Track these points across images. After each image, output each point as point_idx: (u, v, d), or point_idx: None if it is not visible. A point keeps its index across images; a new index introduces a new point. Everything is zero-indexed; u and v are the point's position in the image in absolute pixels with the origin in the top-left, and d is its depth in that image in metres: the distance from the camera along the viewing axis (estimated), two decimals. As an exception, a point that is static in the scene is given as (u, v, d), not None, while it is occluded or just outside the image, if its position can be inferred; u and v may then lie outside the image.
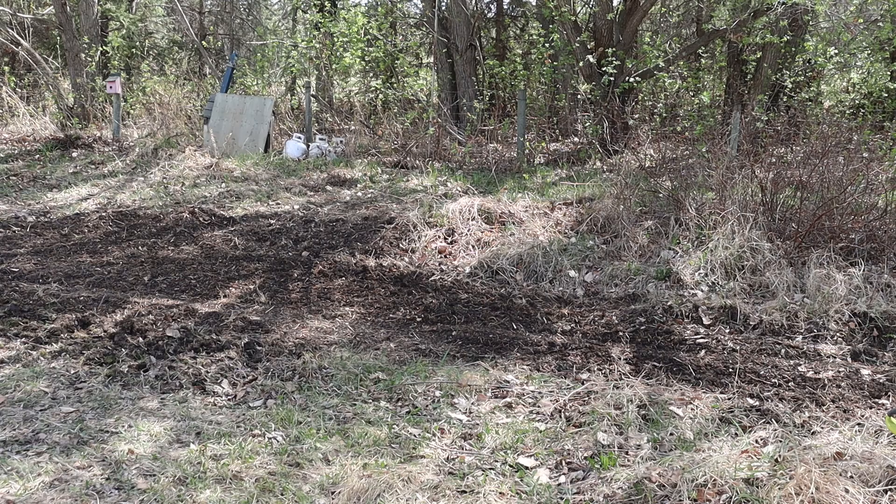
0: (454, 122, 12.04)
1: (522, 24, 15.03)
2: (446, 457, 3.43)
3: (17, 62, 14.97)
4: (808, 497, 2.77)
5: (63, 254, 6.95)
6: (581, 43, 10.51)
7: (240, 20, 19.15)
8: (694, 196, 7.13)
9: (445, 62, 12.97)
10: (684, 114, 10.99)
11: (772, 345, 5.21)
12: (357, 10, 13.75)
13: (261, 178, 9.63)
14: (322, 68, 14.49)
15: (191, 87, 14.34)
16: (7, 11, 14.61)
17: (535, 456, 3.42)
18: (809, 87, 11.64)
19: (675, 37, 14.17)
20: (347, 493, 3.04)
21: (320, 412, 3.85)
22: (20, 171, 10.14)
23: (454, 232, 7.26)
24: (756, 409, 3.87)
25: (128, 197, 8.95)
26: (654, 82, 11.76)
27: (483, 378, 4.29)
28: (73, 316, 5.06)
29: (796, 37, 10.97)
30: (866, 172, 6.74)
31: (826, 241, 6.21)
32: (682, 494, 2.93)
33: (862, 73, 12.79)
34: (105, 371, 4.27)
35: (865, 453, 3.03)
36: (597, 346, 5.08)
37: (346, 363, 4.49)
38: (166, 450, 3.39)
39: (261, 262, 6.72)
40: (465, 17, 12.51)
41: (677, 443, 3.43)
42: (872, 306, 5.44)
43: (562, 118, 12.02)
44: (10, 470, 3.12)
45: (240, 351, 4.66)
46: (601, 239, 6.99)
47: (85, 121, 12.86)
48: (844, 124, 8.23)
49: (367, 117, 13.31)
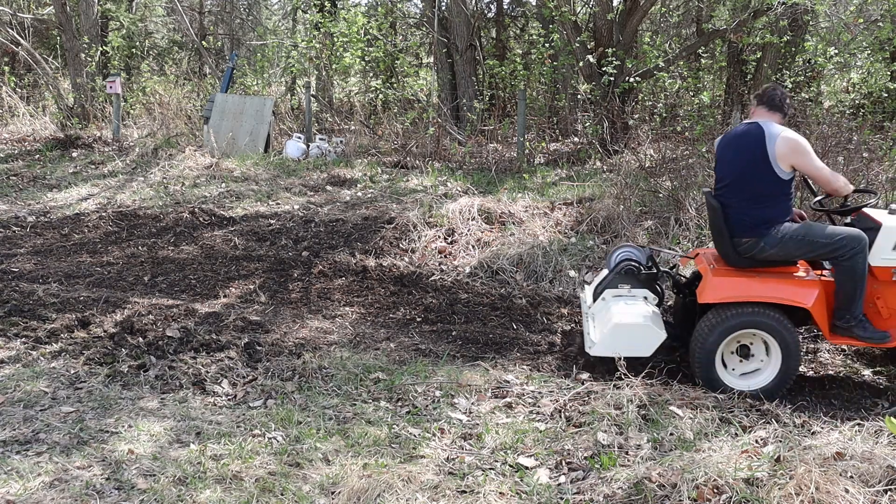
0: (454, 122, 12.04)
1: (522, 24, 15.03)
2: (446, 457, 3.43)
3: (17, 62, 14.97)
4: (808, 497, 2.77)
5: (63, 254, 6.95)
6: (581, 43, 10.51)
7: (240, 20, 19.15)
8: (694, 196, 7.13)
9: (445, 62, 12.97)
10: (684, 114, 10.98)
11: (772, 345, 5.21)
12: (357, 10, 13.76)
13: (261, 178, 9.63)
14: (322, 68, 14.49)
15: (191, 87, 14.35)
16: (7, 11, 14.62)
17: (535, 456, 3.42)
18: (809, 87, 11.64)
19: (675, 37, 14.17)
20: (347, 493, 3.04)
21: (320, 412, 3.85)
22: (20, 171, 10.14)
23: (454, 232, 7.26)
24: (756, 409, 3.87)
25: (128, 197, 8.95)
26: (654, 82, 11.76)
27: (483, 378, 4.29)
28: (73, 316, 5.06)
29: (796, 37, 10.97)
30: (866, 172, 6.74)
31: (826, 241, 6.20)
32: (682, 494, 2.93)
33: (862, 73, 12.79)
34: (105, 371, 4.27)
35: (865, 453, 3.03)
36: (597, 346, 5.08)
37: (346, 363, 4.49)
38: (166, 450, 3.39)
39: (261, 262, 6.72)
40: (465, 17, 12.50)
41: (677, 443, 3.43)
42: (872, 306, 5.44)
43: (562, 118, 12.01)
44: (10, 470, 3.12)
45: (240, 351, 4.66)
46: (601, 239, 6.99)
47: (85, 121, 12.85)
48: (844, 124, 8.23)
49: (367, 117, 13.31)
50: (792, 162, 4.28)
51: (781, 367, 4.31)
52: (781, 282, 4.35)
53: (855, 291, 4.31)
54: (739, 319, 4.29)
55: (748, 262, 4.43)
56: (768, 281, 4.36)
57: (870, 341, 4.35)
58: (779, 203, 4.37)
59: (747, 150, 4.36)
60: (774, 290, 4.32)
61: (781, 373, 4.32)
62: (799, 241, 4.32)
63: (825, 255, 4.37)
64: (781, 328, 4.27)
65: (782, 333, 4.27)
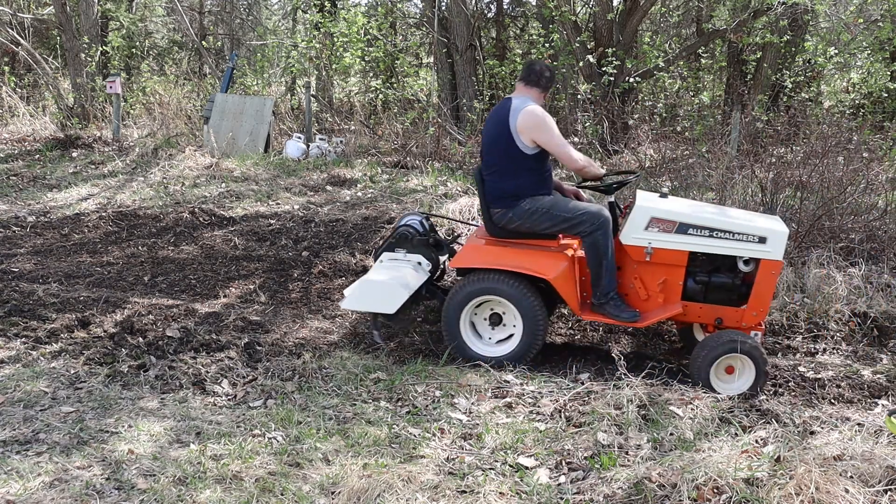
0: (454, 122, 12.04)
1: (522, 24, 15.02)
2: (446, 457, 3.43)
3: (17, 62, 14.97)
4: (808, 497, 2.77)
5: (63, 254, 6.95)
6: (581, 43, 10.51)
7: (240, 20, 19.15)
8: (694, 196, 7.13)
9: (445, 62, 12.96)
10: (684, 114, 10.99)
11: (772, 345, 5.21)
12: (357, 10, 13.76)
13: (261, 178, 9.63)
14: (322, 68, 14.49)
15: (191, 87, 14.34)
16: (7, 11, 14.61)
17: (535, 456, 3.42)
18: (809, 87, 11.65)
19: (675, 37, 14.17)
20: (347, 493, 3.04)
21: (320, 412, 3.84)
22: (20, 171, 10.14)
23: (454, 232, 7.26)
24: (756, 408, 3.87)
25: (128, 197, 8.95)
26: (654, 82, 11.77)
27: (483, 378, 4.29)
28: (73, 316, 5.06)
29: (796, 37, 10.98)
30: (866, 172, 6.74)
31: (826, 241, 6.21)
32: (682, 494, 2.93)
33: (862, 73, 12.79)
34: (105, 371, 4.27)
35: (865, 453, 3.03)
36: (597, 346, 5.09)
37: (346, 363, 4.49)
38: (166, 450, 3.39)
39: (261, 262, 6.72)
40: (465, 17, 12.50)
41: (677, 443, 3.43)
42: (872, 306, 5.44)
43: (562, 118, 12.01)
44: (10, 470, 3.12)
45: (240, 351, 4.66)
46: (601, 239, 6.98)
47: (85, 121, 12.85)
48: (844, 124, 8.23)
49: (367, 117, 13.31)
50: (532, 136, 4.41)
51: (523, 335, 4.49)
52: (530, 253, 4.52)
53: (601, 268, 4.43)
54: (480, 286, 4.49)
55: (503, 232, 4.61)
56: (517, 252, 4.54)
57: (620, 320, 4.47)
58: (525, 176, 4.50)
59: (497, 124, 4.51)
60: (517, 260, 4.50)
61: (524, 341, 4.50)
62: (543, 214, 4.46)
63: (567, 230, 4.51)
64: (520, 297, 4.43)
65: (521, 302, 4.43)
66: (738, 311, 4.49)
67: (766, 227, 4.38)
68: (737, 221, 4.42)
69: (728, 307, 4.51)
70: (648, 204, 4.48)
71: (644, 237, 4.44)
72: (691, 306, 4.54)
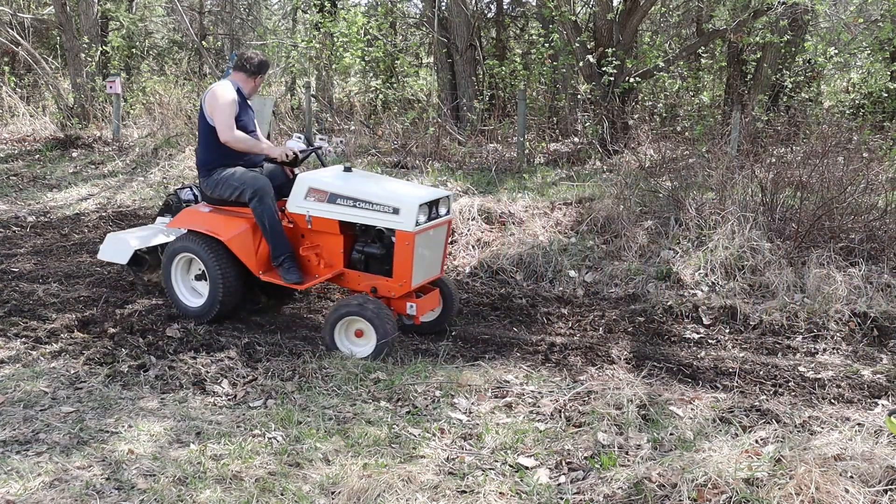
0: (454, 122, 12.02)
1: (522, 24, 15.01)
2: (446, 457, 3.43)
3: (17, 62, 14.96)
4: (808, 497, 2.77)
5: (63, 254, 6.95)
6: (581, 43, 10.50)
7: (240, 20, 19.13)
8: (694, 196, 7.13)
9: (445, 62, 12.95)
10: (684, 114, 10.98)
11: (772, 345, 5.22)
12: (357, 10, 13.74)
13: (261, 178, 9.61)
14: (322, 68, 14.48)
15: (191, 87, 14.32)
16: (7, 11, 14.61)
17: (535, 456, 3.42)
18: (809, 87, 11.64)
19: (675, 37, 14.17)
20: (347, 493, 3.04)
21: (320, 412, 3.84)
22: (20, 171, 10.14)
23: (454, 232, 7.26)
24: (756, 409, 3.87)
25: (128, 197, 8.95)
26: (654, 82, 11.75)
27: (483, 378, 4.28)
28: (73, 316, 5.06)
29: (796, 37, 10.97)
30: (866, 172, 6.73)
31: (826, 241, 6.21)
32: (682, 494, 2.93)
33: (862, 73, 12.78)
34: (105, 371, 4.27)
35: (865, 453, 3.03)
36: (597, 346, 5.09)
37: (346, 363, 4.49)
38: (166, 450, 3.39)
39: (261, 262, 6.71)
40: (465, 17, 12.50)
41: (677, 443, 3.43)
42: (872, 306, 5.44)
43: (562, 118, 12.00)
44: (10, 470, 3.12)
45: (240, 351, 4.66)
46: (601, 239, 6.98)
47: (85, 121, 12.84)
48: (844, 124, 8.22)
49: (367, 117, 13.30)
50: (210, 113, 4.95)
51: (209, 293, 5.03)
52: (218, 217, 5.04)
53: (266, 232, 4.88)
54: (181, 244, 5.11)
55: (210, 199, 5.15)
56: (210, 216, 5.06)
57: (286, 282, 4.90)
58: (213, 149, 4.99)
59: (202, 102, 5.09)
60: (203, 223, 5.03)
61: (208, 299, 5.05)
62: (223, 184, 4.98)
63: (238, 198, 4.96)
64: (206, 255, 4.96)
65: (206, 260, 4.97)
66: (389, 280, 4.77)
67: (400, 198, 4.63)
68: (378, 192, 4.68)
69: (381, 276, 4.83)
70: (309, 175, 4.86)
71: (304, 206, 4.85)
72: (351, 274, 4.95)
